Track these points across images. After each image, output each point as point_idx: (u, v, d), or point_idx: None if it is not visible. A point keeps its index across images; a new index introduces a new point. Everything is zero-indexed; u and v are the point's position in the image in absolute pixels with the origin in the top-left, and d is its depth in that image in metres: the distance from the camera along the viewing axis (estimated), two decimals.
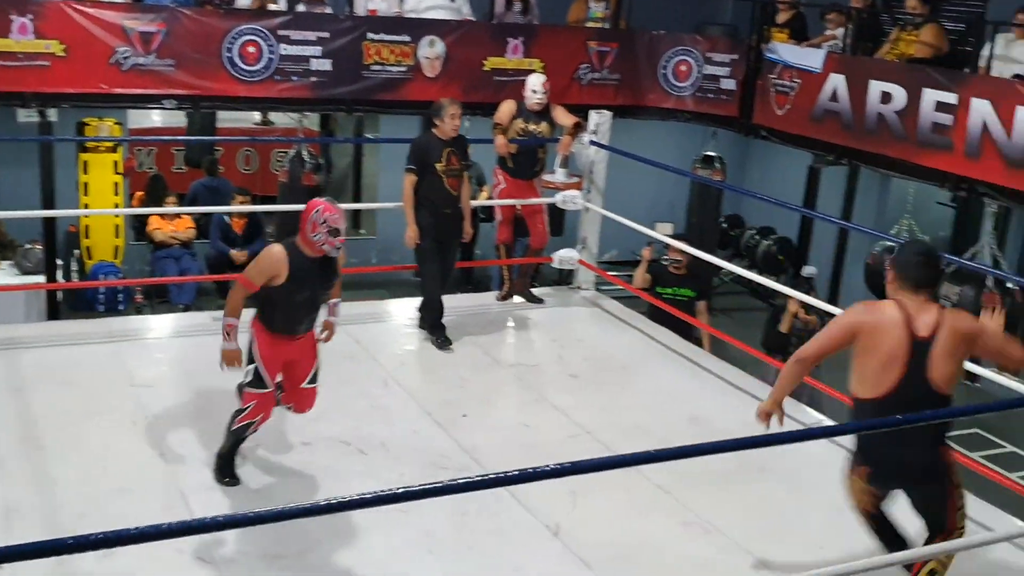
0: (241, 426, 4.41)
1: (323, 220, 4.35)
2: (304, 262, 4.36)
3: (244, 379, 4.44)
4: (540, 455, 4.63)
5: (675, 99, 10.91)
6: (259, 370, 4.37)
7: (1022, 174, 7.38)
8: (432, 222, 6.28)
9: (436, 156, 6.25)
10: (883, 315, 3.61)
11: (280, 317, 4.40)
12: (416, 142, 6.45)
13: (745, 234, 13.36)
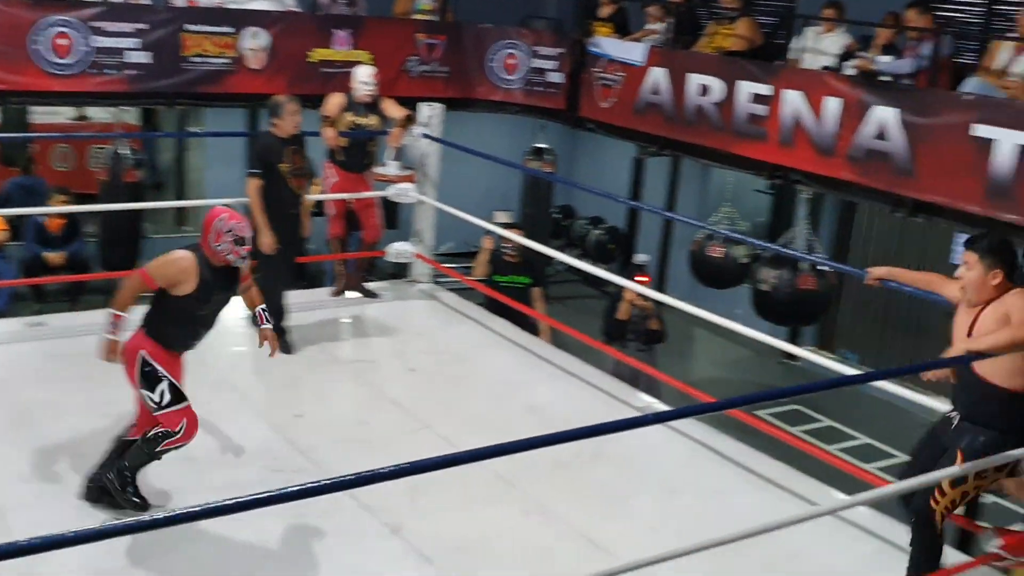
0: (167, 448, 4.11)
1: (228, 228, 4.10)
2: (211, 273, 4.11)
3: (160, 401, 4.08)
4: (379, 452, 4.63)
5: (504, 92, 11.01)
6: (173, 385, 4.09)
7: (832, 161, 7.77)
8: (279, 225, 6.05)
9: (279, 157, 6.03)
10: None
11: (179, 333, 4.15)
12: (257, 144, 6.21)
13: (576, 224, 13.61)
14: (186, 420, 4.09)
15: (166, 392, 4.07)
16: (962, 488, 3.64)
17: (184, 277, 4.06)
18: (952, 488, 3.64)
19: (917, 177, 7.14)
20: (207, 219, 4.17)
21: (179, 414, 4.08)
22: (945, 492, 3.65)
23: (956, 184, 6.86)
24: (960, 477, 3.62)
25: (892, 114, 7.28)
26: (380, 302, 7.20)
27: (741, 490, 4.82)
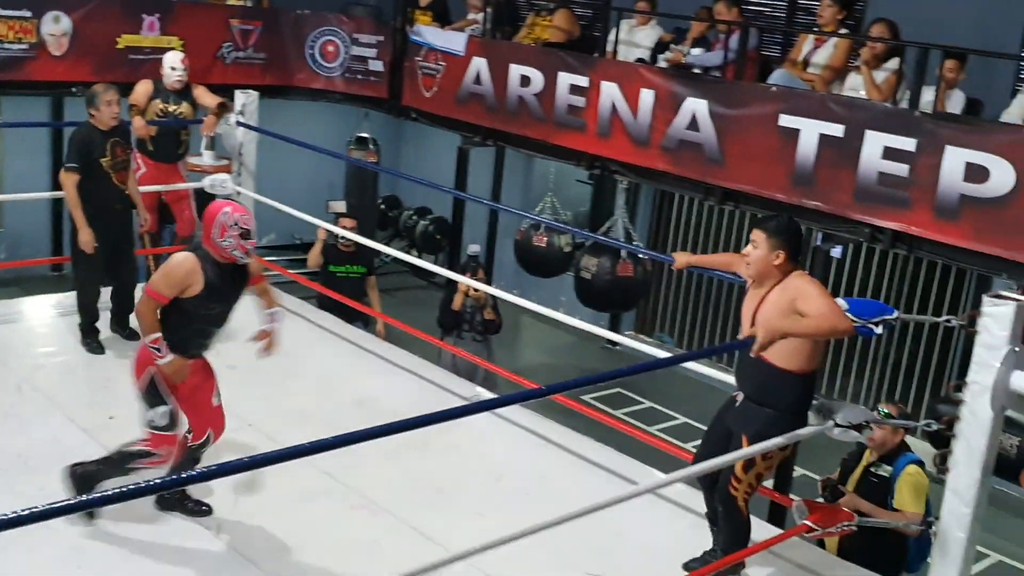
0: (141, 467, 3.96)
1: (233, 222, 3.94)
2: (216, 270, 3.95)
3: (158, 422, 3.97)
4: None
5: (324, 80, 10.84)
6: (173, 412, 3.98)
7: (647, 152, 8.00)
8: (100, 222, 5.74)
9: (99, 150, 5.70)
10: None
11: (192, 335, 4.01)
12: (75, 137, 5.82)
13: (403, 215, 13.54)
14: (169, 448, 4.01)
15: (165, 415, 3.99)
16: (755, 471, 3.81)
17: (190, 279, 3.94)
18: (745, 473, 3.81)
19: (727, 166, 7.44)
20: (208, 214, 4.02)
21: (168, 440, 4.00)
22: (740, 479, 3.81)
23: (763, 172, 7.19)
24: (750, 461, 3.79)
25: (702, 105, 7.55)
26: None
27: (566, 473, 4.92)
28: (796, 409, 3.81)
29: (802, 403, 3.82)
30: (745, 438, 3.78)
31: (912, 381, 10.11)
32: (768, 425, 3.76)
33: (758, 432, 3.77)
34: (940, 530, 3.90)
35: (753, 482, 3.81)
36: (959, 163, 6.16)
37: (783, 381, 3.75)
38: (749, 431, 3.78)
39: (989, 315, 3.65)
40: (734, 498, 3.81)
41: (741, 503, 3.81)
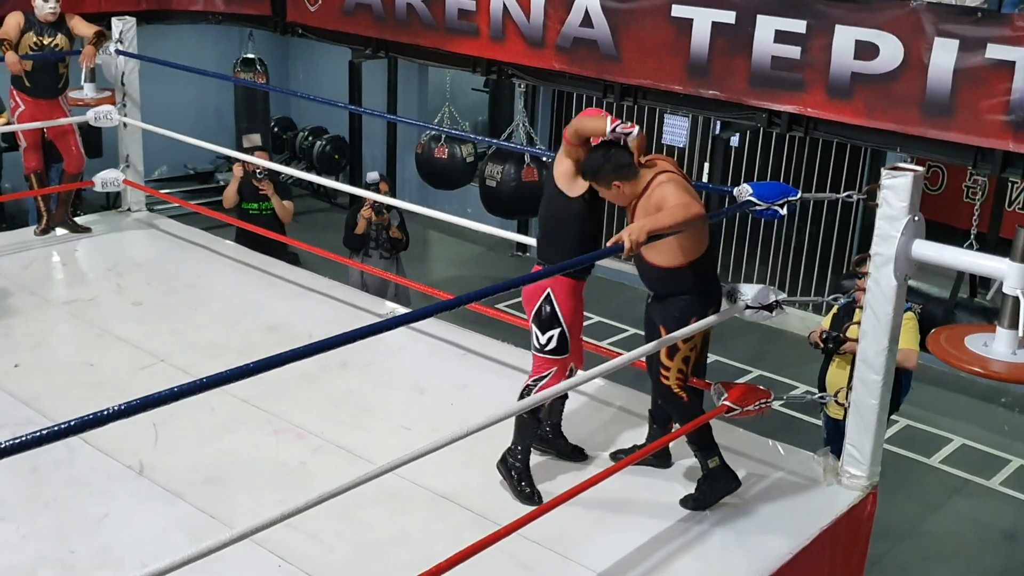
0: (542, 396, 3.85)
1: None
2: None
3: (546, 345, 3.90)
4: (112, 392, 4.39)
5: (204, 1, 10.43)
6: (564, 336, 3.90)
7: (543, 53, 7.92)
8: None
9: None
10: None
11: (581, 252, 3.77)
12: None
13: (298, 136, 13.26)
14: (557, 369, 3.92)
15: (555, 339, 3.89)
16: (680, 355, 3.85)
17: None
18: (671, 359, 3.85)
19: (623, 62, 7.41)
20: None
21: (554, 363, 3.91)
22: (668, 366, 3.85)
23: (659, 66, 7.18)
24: (672, 347, 3.83)
25: (595, 1, 7.47)
26: (92, 236, 6.75)
27: (486, 380, 4.94)
28: (700, 291, 3.86)
29: (703, 286, 3.87)
30: (663, 327, 3.84)
31: (815, 261, 10.40)
32: (678, 311, 3.83)
33: (674, 319, 3.82)
34: (853, 400, 4.03)
35: (682, 367, 3.85)
36: (849, 42, 6.23)
37: (674, 276, 3.82)
38: (665, 321, 3.84)
39: (888, 187, 3.73)
40: (668, 387, 3.86)
41: (676, 390, 3.86)
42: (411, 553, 3.52)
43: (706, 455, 3.90)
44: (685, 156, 11.05)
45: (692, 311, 3.84)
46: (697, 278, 3.84)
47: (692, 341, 3.87)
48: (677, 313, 3.83)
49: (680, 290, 3.84)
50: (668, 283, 3.85)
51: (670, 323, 3.83)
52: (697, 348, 3.93)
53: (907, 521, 6.92)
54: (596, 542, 3.67)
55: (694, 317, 3.84)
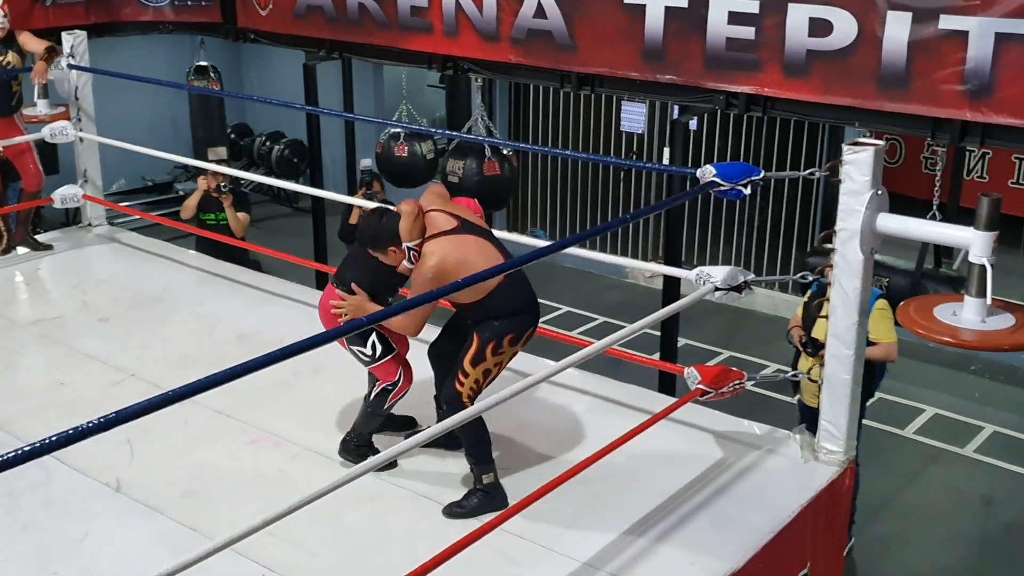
0: (394, 402, 4.05)
1: None
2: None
3: (373, 353, 3.98)
4: (85, 410, 4.31)
5: (153, 11, 10.31)
6: (381, 335, 3.97)
7: (498, 46, 7.89)
8: None
9: None
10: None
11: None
12: None
13: (256, 142, 13.17)
14: (402, 368, 3.96)
15: (376, 343, 3.95)
16: (483, 366, 3.82)
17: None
18: (473, 367, 3.82)
19: (578, 51, 7.40)
20: None
21: (393, 363, 3.95)
22: (468, 373, 3.82)
23: (615, 53, 7.17)
24: (479, 355, 3.81)
25: None
26: (54, 253, 6.68)
27: None
28: (511, 313, 3.86)
29: (514, 307, 3.87)
30: (476, 335, 3.84)
31: (779, 240, 10.47)
32: (491, 330, 3.83)
33: (489, 334, 3.83)
34: (826, 375, 4.07)
35: (480, 378, 3.83)
36: (803, 19, 6.25)
37: (480, 307, 3.83)
38: (481, 332, 3.85)
39: (850, 162, 3.76)
40: (458, 393, 3.83)
41: (465, 399, 3.83)
42: (396, 554, 3.51)
43: (482, 470, 3.89)
44: (644, 141, 11.09)
45: (506, 331, 3.85)
46: (504, 303, 3.84)
47: (500, 358, 3.87)
48: (490, 331, 3.83)
49: (491, 315, 3.85)
50: (478, 313, 3.86)
51: (485, 336, 3.83)
52: (502, 366, 3.92)
53: (885, 492, 7.00)
54: (579, 532, 3.68)
55: (509, 335, 3.85)
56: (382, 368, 4.02)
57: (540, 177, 11.96)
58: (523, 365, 4.91)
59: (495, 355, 3.84)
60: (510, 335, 3.85)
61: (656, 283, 9.73)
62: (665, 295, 6.86)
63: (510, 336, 3.85)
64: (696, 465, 4.12)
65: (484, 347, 3.82)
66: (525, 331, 3.92)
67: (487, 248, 3.86)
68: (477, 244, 3.84)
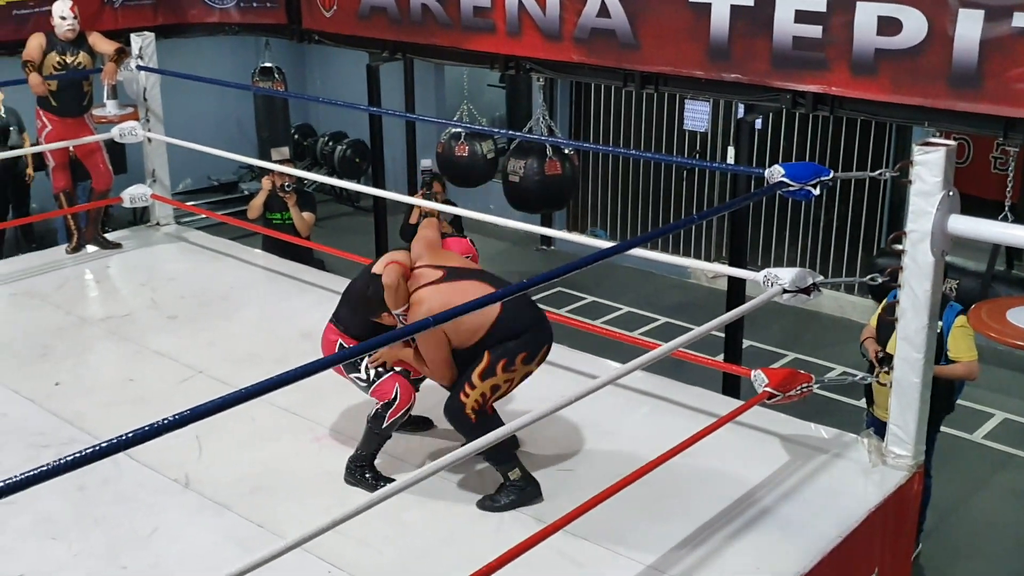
0: (393, 421, 3.97)
1: None
2: None
3: (369, 378, 3.98)
4: (153, 407, 4.40)
5: (219, 12, 10.48)
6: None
7: (560, 46, 7.89)
8: None
9: None
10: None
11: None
12: None
13: (319, 142, 13.30)
14: (398, 384, 3.95)
15: (369, 368, 3.97)
16: (491, 381, 3.77)
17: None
18: (481, 381, 3.77)
19: (642, 50, 7.36)
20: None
21: (389, 382, 3.95)
22: (475, 385, 3.77)
23: (679, 51, 7.13)
24: (489, 370, 3.75)
25: None
26: (123, 252, 6.80)
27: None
28: (517, 333, 3.81)
29: (517, 330, 3.81)
30: (488, 352, 3.79)
31: (844, 241, 10.31)
32: (505, 349, 3.79)
33: (500, 354, 3.79)
34: (895, 379, 3.99)
35: (487, 392, 3.78)
36: (871, 18, 6.16)
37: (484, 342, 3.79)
38: (492, 352, 3.79)
39: (921, 163, 3.69)
40: (462, 404, 3.79)
41: (468, 411, 3.79)
42: (459, 554, 3.51)
43: (506, 469, 3.86)
44: (708, 140, 10.99)
45: (519, 349, 3.80)
46: (509, 329, 3.78)
47: (511, 375, 3.81)
48: (501, 350, 3.78)
49: (499, 341, 3.79)
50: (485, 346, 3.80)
51: (496, 353, 3.78)
52: (512, 384, 3.86)
53: (953, 498, 6.85)
54: (644, 534, 3.66)
55: (523, 353, 3.80)
56: (379, 389, 3.98)
57: (601, 176, 11.91)
58: (587, 366, 4.92)
59: (506, 372, 3.79)
60: (523, 353, 3.80)
61: (719, 284, 9.64)
62: (730, 296, 6.80)
63: (523, 355, 3.80)
64: (762, 468, 4.07)
65: (495, 363, 3.77)
66: (540, 348, 3.87)
67: (477, 288, 3.77)
68: (464, 288, 3.78)
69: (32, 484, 2.23)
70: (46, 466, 2.27)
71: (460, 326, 3.72)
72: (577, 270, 3.61)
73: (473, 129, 9.44)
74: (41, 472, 2.26)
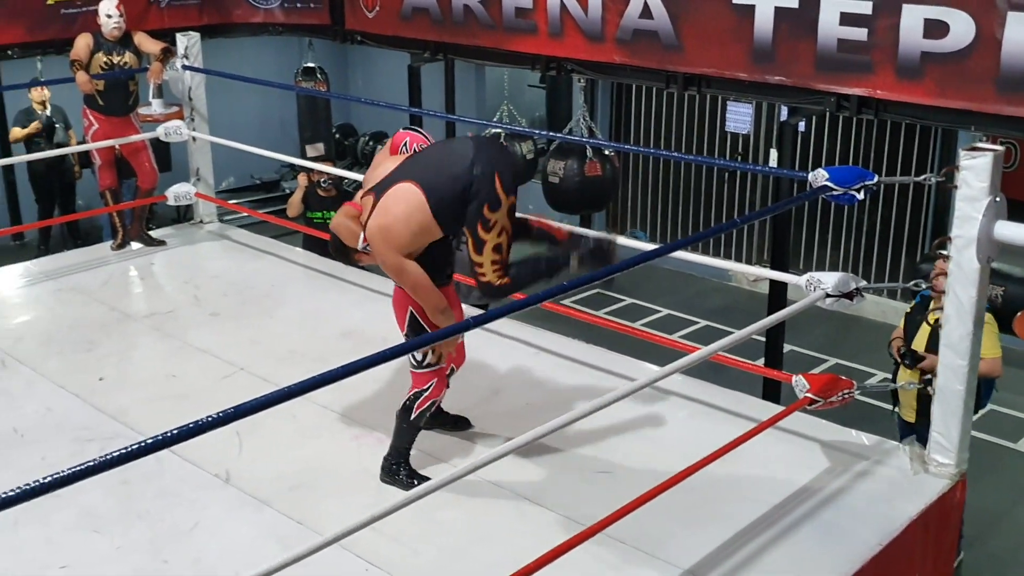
0: (422, 411, 3.94)
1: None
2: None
3: (422, 360, 3.89)
4: (195, 403, 4.47)
5: (263, 13, 10.58)
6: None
7: (602, 47, 7.88)
8: None
9: None
10: None
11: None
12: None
13: (359, 141, 13.37)
14: (436, 378, 3.92)
15: (429, 353, 3.86)
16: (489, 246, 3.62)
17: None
18: (479, 253, 3.65)
19: (685, 51, 7.34)
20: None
21: (432, 374, 3.91)
22: (481, 261, 3.66)
23: (723, 53, 7.09)
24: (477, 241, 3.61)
25: None
26: (167, 249, 6.88)
27: (563, 378, 4.93)
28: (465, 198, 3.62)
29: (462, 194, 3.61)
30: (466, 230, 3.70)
31: (887, 246, 10.20)
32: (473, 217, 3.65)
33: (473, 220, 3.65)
34: (938, 386, 3.95)
35: (495, 256, 3.66)
36: (917, 20, 6.10)
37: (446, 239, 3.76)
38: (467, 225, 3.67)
39: (967, 168, 3.64)
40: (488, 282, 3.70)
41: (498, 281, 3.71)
42: (495, 555, 3.52)
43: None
44: (750, 143, 10.92)
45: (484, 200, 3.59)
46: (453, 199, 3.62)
47: (497, 214, 3.59)
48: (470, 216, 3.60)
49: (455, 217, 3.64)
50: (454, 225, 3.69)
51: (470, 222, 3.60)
52: (508, 230, 3.64)
53: (997, 507, 6.77)
54: (682, 539, 3.64)
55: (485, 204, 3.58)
56: (421, 375, 3.94)
57: (641, 177, 11.87)
58: (625, 369, 4.91)
59: (489, 231, 3.59)
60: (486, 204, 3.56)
61: (760, 287, 9.58)
62: (771, 300, 6.75)
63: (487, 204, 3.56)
64: (802, 475, 4.04)
65: (475, 230, 3.58)
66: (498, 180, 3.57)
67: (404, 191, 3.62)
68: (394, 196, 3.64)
69: (79, 479, 2.26)
70: (92, 462, 2.30)
71: (410, 232, 3.59)
72: (619, 273, 3.60)
73: (513, 130, 9.45)
74: (88, 468, 2.30)
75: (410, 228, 3.61)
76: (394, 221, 3.61)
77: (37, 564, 3.60)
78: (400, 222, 3.60)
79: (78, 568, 3.59)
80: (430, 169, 3.67)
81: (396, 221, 3.61)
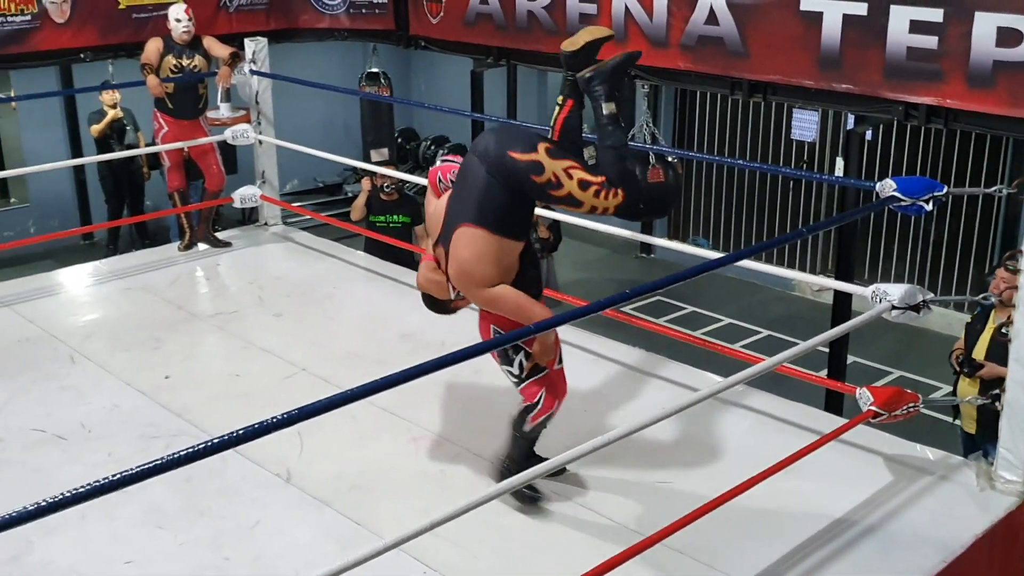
0: (536, 425, 3.87)
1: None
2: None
3: (520, 374, 3.80)
4: (257, 403, 4.54)
5: (329, 18, 10.70)
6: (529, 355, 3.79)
7: (667, 52, 7.85)
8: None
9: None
10: None
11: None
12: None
13: (421, 146, 13.46)
14: (544, 390, 3.82)
15: (524, 363, 3.79)
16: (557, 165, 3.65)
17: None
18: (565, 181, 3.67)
19: (751, 58, 7.28)
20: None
21: (536, 385, 3.83)
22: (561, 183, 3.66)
23: (789, 60, 7.02)
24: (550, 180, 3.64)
25: None
26: (233, 250, 6.98)
27: (623, 386, 4.91)
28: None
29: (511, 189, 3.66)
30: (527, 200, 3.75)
31: (955, 257, 10.01)
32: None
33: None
34: (1007, 401, 3.86)
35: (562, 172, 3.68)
36: (990, 29, 5.98)
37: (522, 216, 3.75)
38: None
39: None
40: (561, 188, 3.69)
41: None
42: (555, 562, 3.52)
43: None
44: (816, 151, 10.79)
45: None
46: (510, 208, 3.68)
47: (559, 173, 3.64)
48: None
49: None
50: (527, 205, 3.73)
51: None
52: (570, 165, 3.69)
53: None
54: (741, 551, 3.60)
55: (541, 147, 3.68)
56: (526, 389, 3.88)
57: (704, 184, 11.79)
58: (686, 378, 4.88)
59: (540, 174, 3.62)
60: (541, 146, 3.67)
61: (824, 297, 9.45)
62: (835, 311, 6.66)
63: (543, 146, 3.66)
64: (864, 489, 3.97)
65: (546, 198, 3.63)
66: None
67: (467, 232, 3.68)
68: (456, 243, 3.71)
69: (147, 477, 2.31)
70: (159, 460, 2.34)
71: (488, 265, 3.64)
72: (684, 280, 3.57)
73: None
74: (155, 466, 2.34)
75: (487, 262, 3.66)
76: (468, 265, 3.67)
77: (102, 559, 3.67)
78: (473, 262, 3.66)
79: (142, 563, 3.65)
80: (467, 202, 3.70)
81: (469, 263, 3.67)
